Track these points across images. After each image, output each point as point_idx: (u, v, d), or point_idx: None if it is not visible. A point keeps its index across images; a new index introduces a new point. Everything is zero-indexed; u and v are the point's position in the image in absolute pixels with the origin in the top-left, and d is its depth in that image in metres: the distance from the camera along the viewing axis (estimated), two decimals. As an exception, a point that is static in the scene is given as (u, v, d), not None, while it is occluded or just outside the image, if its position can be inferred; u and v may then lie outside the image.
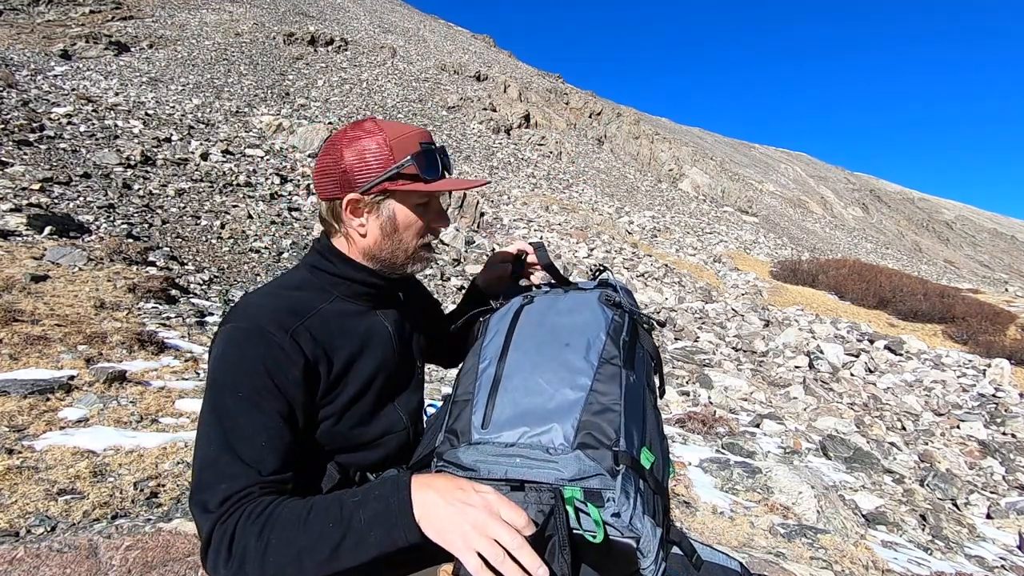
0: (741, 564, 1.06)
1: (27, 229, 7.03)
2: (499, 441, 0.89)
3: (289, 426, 0.93)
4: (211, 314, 6.26)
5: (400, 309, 1.18)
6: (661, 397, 1.12)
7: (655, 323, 1.15)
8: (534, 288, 1.21)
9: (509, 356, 1.01)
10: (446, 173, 1.10)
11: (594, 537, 0.82)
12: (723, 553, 1.07)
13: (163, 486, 2.47)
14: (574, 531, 0.84)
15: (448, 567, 0.89)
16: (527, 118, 30.55)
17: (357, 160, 1.03)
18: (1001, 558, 4.46)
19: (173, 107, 17.22)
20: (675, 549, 0.97)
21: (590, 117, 36.08)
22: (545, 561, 0.76)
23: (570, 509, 0.83)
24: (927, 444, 7.72)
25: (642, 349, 1.09)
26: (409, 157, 1.03)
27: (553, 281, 1.22)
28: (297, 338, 0.97)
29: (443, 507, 0.77)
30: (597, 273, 1.23)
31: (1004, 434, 8.48)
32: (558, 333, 1.03)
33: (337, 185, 1.05)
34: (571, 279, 1.27)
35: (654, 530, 0.85)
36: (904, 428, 8.37)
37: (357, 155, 1.03)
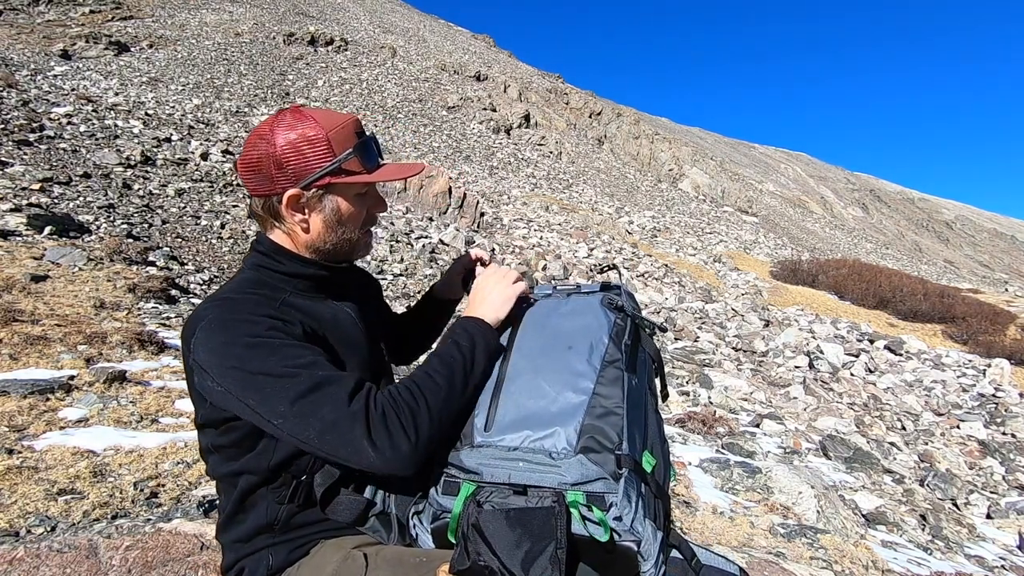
0: (740, 568, 1.06)
1: (27, 229, 7.03)
2: (502, 444, 0.89)
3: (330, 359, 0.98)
4: (211, 314, 6.26)
5: (353, 297, 1.18)
6: (663, 400, 1.12)
7: (656, 328, 1.15)
8: (535, 290, 1.20)
9: (511, 358, 1.01)
10: (379, 159, 1.09)
11: (601, 536, 0.82)
12: (722, 557, 1.07)
13: (163, 486, 2.47)
14: (576, 534, 0.84)
15: (445, 567, 0.89)
16: (527, 118, 30.55)
17: (294, 154, 0.99)
18: (1001, 558, 4.46)
19: (173, 107, 17.22)
20: (674, 553, 0.97)
21: (590, 117, 36.08)
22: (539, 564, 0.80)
23: (574, 512, 0.84)
24: (927, 444, 7.71)
25: (644, 352, 1.08)
26: (351, 150, 1.01)
27: (557, 282, 1.23)
28: (283, 314, 0.98)
29: (494, 309, 1.10)
30: (605, 270, 1.24)
31: (1004, 434, 8.47)
32: (560, 336, 1.03)
33: (271, 180, 1.01)
34: (571, 279, 1.28)
35: (655, 534, 0.86)
36: (904, 428, 8.37)
37: (294, 149, 0.99)
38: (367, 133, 1.07)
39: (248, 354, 0.90)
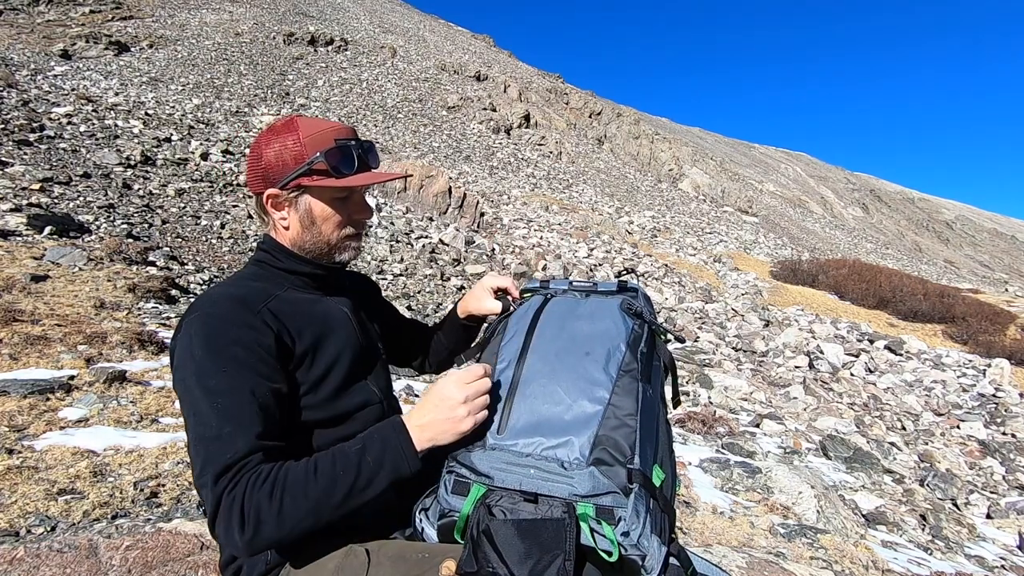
0: None
1: (27, 229, 7.03)
2: (514, 449, 0.90)
3: (274, 394, 0.96)
4: (211, 314, 6.26)
5: (350, 297, 1.22)
6: (675, 407, 1.13)
7: (674, 336, 1.15)
8: (552, 284, 1.21)
9: (528, 359, 1.01)
10: (366, 167, 1.13)
11: (609, 556, 0.84)
12: (717, 567, 1.08)
13: (163, 486, 2.47)
14: (584, 544, 0.85)
15: (451, 563, 0.89)
16: (527, 118, 30.54)
17: (275, 157, 1.07)
18: (1001, 558, 4.46)
19: (173, 107, 17.22)
20: (672, 560, 0.98)
21: (590, 117, 36.08)
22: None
23: (583, 525, 0.85)
24: (927, 444, 7.71)
25: (658, 359, 1.08)
26: (319, 154, 1.06)
27: (574, 280, 1.22)
28: (263, 316, 1.01)
29: (434, 429, 0.93)
30: (621, 274, 1.23)
31: (1004, 434, 8.47)
32: (578, 340, 1.02)
33: (260, 181, 1.09)
34: (591, 278, 1.28)
35: (660, 549, 0.87)
36: (904, 428, 8.37)
37: (275, 152, 1.07)
38: (353, 140, 1.10)
39: (197, 368, 0.94)
